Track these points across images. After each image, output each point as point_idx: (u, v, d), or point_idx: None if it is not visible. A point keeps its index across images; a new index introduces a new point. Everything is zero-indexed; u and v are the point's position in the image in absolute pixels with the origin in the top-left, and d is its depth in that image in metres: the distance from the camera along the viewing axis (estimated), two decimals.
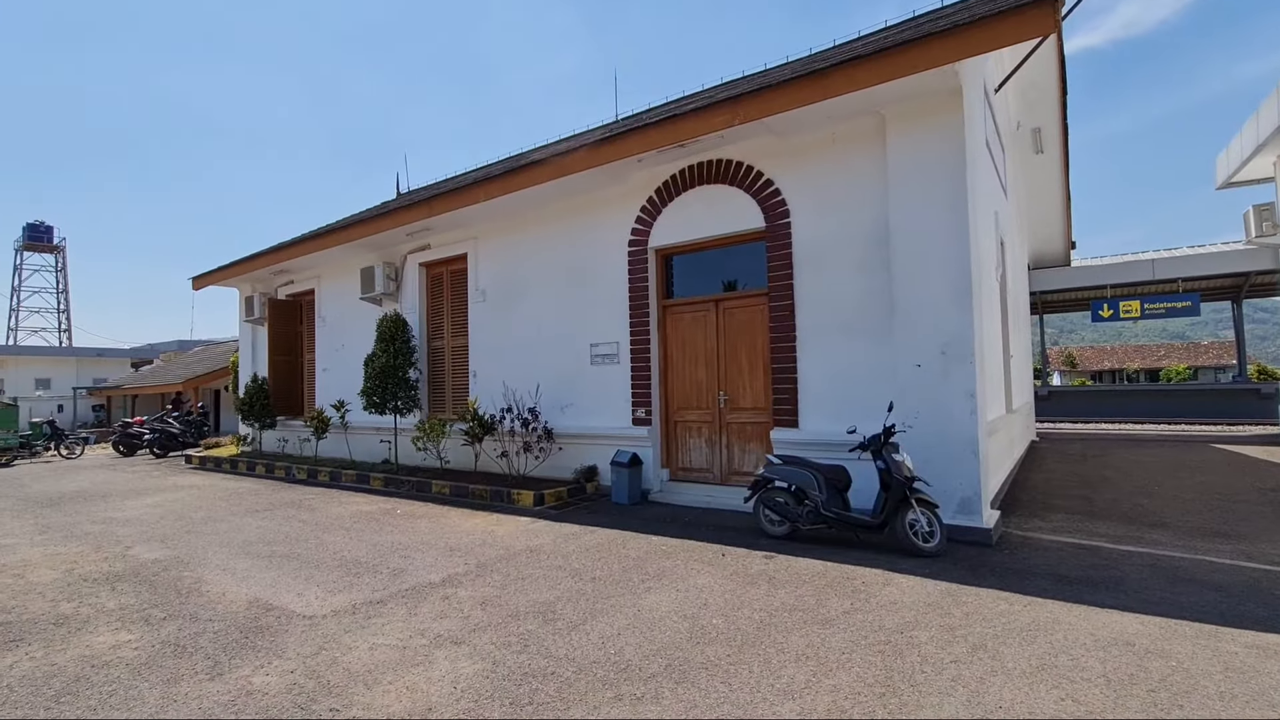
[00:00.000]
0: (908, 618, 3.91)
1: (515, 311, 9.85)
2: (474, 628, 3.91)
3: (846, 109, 6.36)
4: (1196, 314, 17.63)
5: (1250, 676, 3.08)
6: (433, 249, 11.15)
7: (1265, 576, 4.68)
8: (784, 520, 5.90)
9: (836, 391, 6.76)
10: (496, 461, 9.13)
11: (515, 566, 5.23)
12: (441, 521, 7.11)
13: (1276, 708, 2.80)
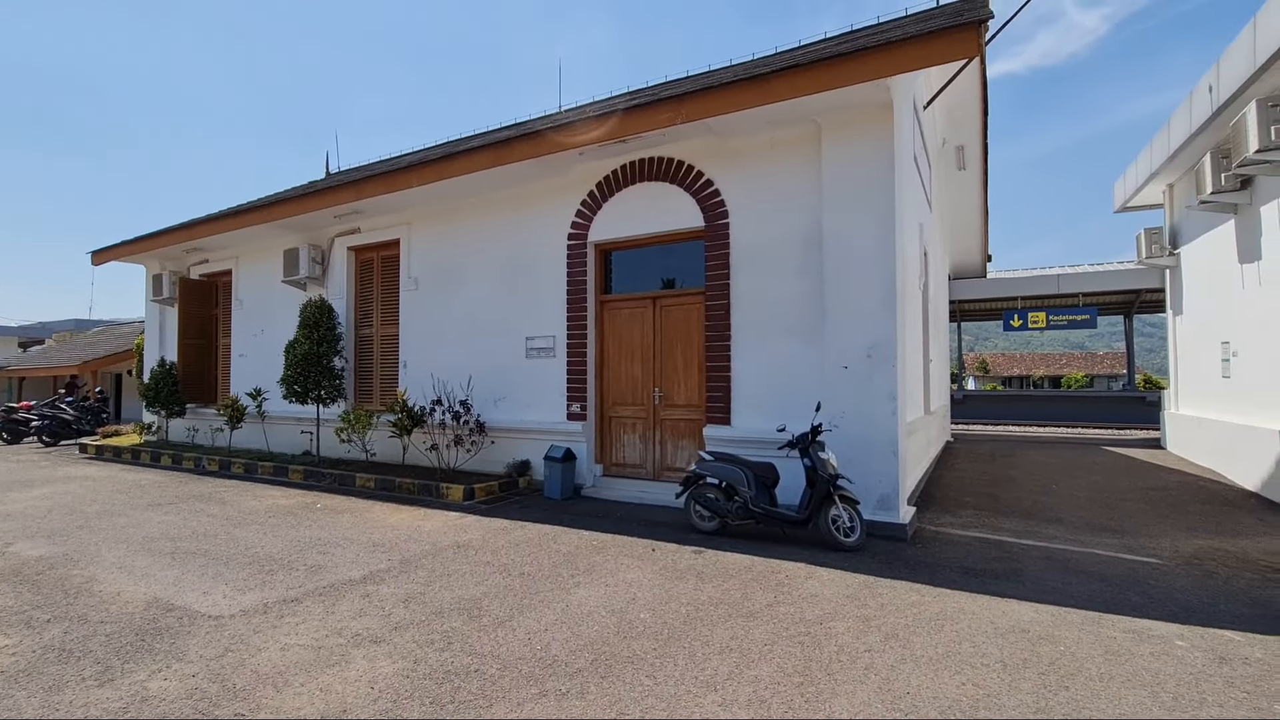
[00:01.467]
0: (827, 609, 4.06)
1: (449, 301, 9.59)
2: (395, 626, 3.79)
3: (785, 115, 6.52)
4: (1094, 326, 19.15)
5: (1127, 658, 3.38)
6: (363, 233, 10.70)
7: (1142, 567, 5.13)
8: (714, 516, 6.02)
9: (769, 390, 6.93)
10: (425, 455, 8.88)
11: (441, 562, 5.10)
12: (365, 516, 6.85)
13: (1148, 685, 3.07)
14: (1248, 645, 3.55)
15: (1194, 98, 9.01)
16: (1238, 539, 6.05)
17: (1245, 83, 7.29)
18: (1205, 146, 9.11)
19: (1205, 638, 3.66)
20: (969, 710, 2.83)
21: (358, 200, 9.47)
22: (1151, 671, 3.22)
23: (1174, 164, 10.45)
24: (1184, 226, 11.52)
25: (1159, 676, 3.16)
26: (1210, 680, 3.13)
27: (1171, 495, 8.24)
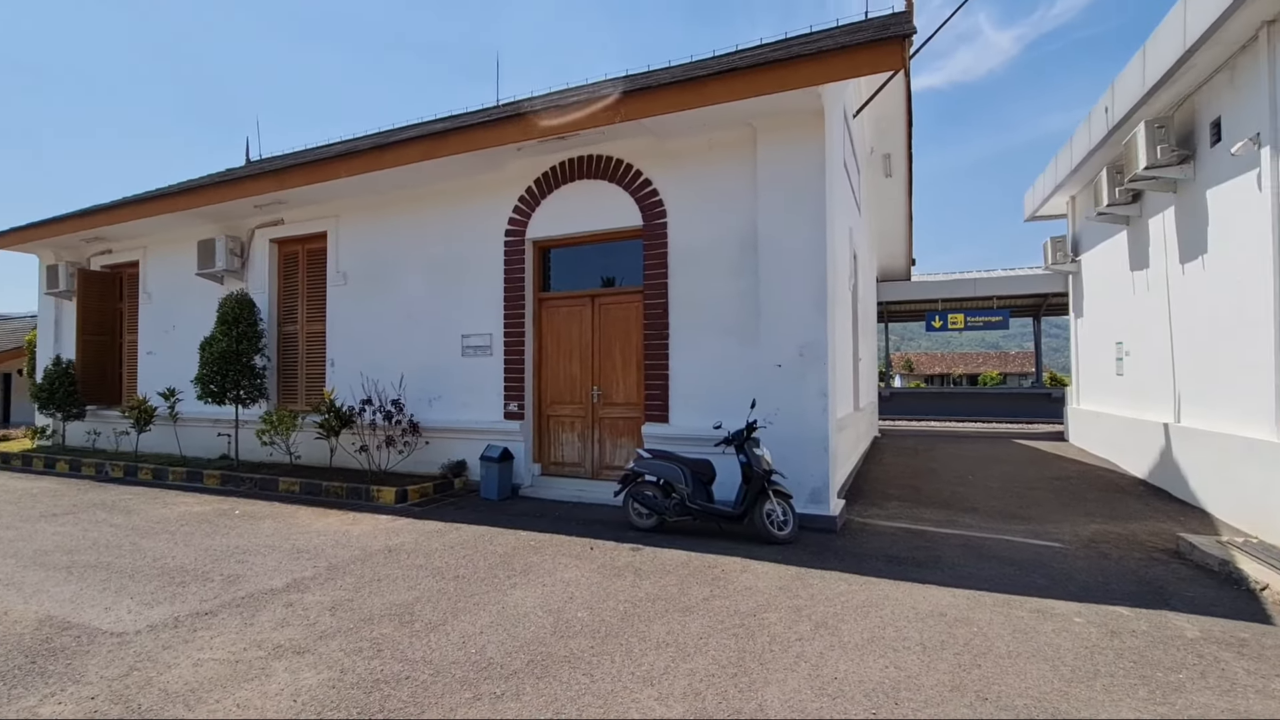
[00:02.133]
0: (761, 601, 4.17)
1: (381, 297, 9.25)
2: (321, 635, 3.63)
3: (723, 118, 6.64)
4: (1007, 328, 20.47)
5: (1032, 636, 3.63)
6: (287, 224, 10.17)
7: (1047, 551, 5.52)
8: (652, 513, 6.07)
9: (706, 389, 7.04)
10: (355, 457, 8.54)
11: (371, 567, 4.92)
12: (289, 522, 6.53)
13: (1050, 660, 3.31)
14: (1135, 620, 3.89)
15: (1092, 117, 9.76)
16: (1128, 523, 6.60)
17: (1135, 105, 7.96)
18: (1102, 163, 9.88)
19: (1099, 614, 3.98)
20: (891, 691, 2.97)
21: (280, 190, 9.00)
22: (1053, 647, 3.47)
23: (1076, 178, 11.29)
24: (1084, 236, 12.45)
25: (1059, 651, 3.42)
26: (1103, 653, 3.41)
27: (1072, 484, 8.90)
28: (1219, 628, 3.76)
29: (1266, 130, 5.94)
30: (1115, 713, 2.80)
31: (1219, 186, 6.93)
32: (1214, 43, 6.27)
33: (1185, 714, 2.79)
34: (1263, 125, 5.99)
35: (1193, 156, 7.55)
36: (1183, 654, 3.38)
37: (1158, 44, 7.27)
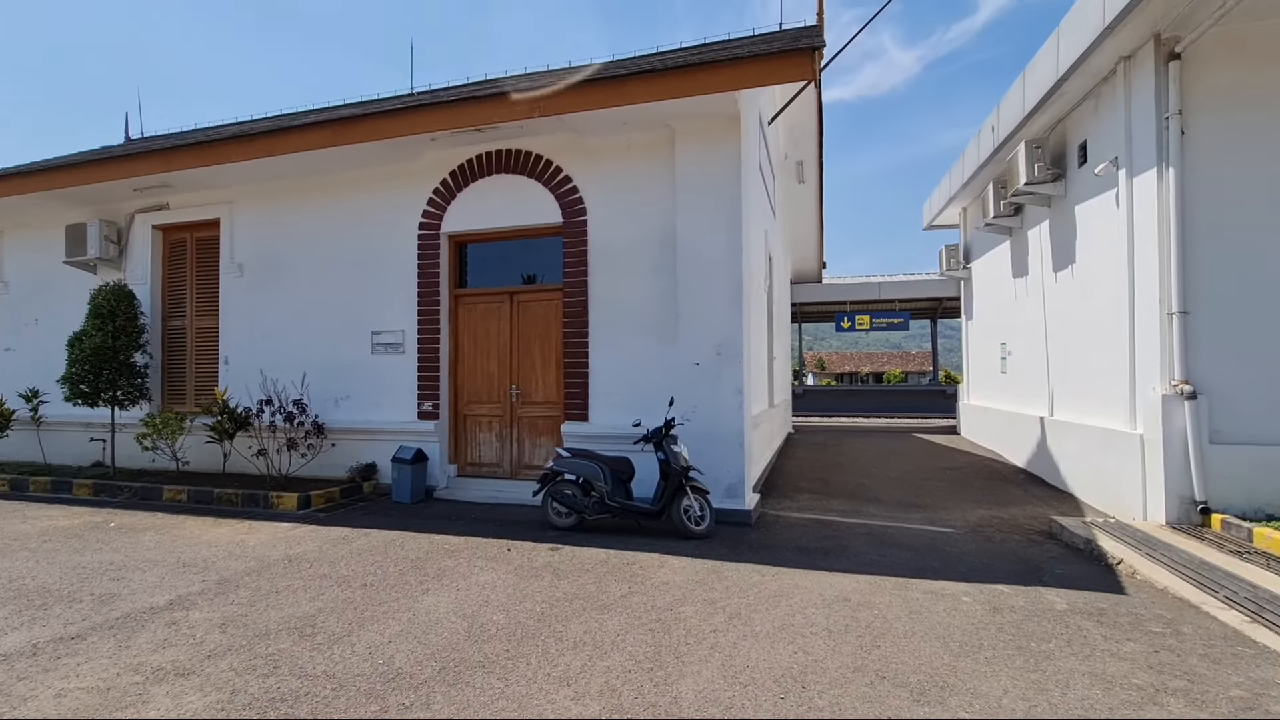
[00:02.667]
0: (677, 595, 4.24)
1: (282, 291, 8.68)
2: (209, 654, 3.36)
3: (642, 118, 6.69)
4: (907, 329, 21.87)
5: (926, 616, 3.90)
6: (173, 210, 9.35)
7: (940, 537, 5.94)
8: (571, 512, 6.03)
9: (626, 387, 7.08)
10: (252, 462, 7.96)
11: (269, 579, 4.61)
12: (174, 533, 6.00)
13: (941, 637, 3.57)
14: (1014, 596, 4.25)
15: (981, 135, 10.58)
16: (1010, 508, 7.21)
17: (1017, 126, 8.70)
18: (989, 178, 10.73)
19: (985, 593, 4.32)
20: (799, 676, 3.10)
21: (166, 172, 8.25)
22: (944, 625, 3.74)
23: (966, 191, 12.20)
24: (975, 245, 13.49)
25: (949, 629, 3.69)
26: (987, 628, 3.70)
27: (963, 474, 9.63)
28: (1083, 600, 4.18)
29: (1123, 153, 6.66)
30: (995, 682, 3.05)
31: (1085, 203, 7.69)
32: (1081, 73, 6.95)
33: (1053, 679, 3.08)
34: (1120, 149, 6.71)
35: (1064, 175, 8.34)
36: (1053, 625, 3.73)
37: (1035, 71, 7.97)
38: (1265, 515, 5.67)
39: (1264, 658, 3.30)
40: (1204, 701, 2.87)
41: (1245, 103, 5.94)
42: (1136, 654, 3.35)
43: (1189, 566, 4.74)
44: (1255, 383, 5.85)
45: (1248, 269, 5.92)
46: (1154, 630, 3.67)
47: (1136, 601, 4.16)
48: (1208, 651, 3.38)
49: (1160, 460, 5.98)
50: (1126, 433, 6.58)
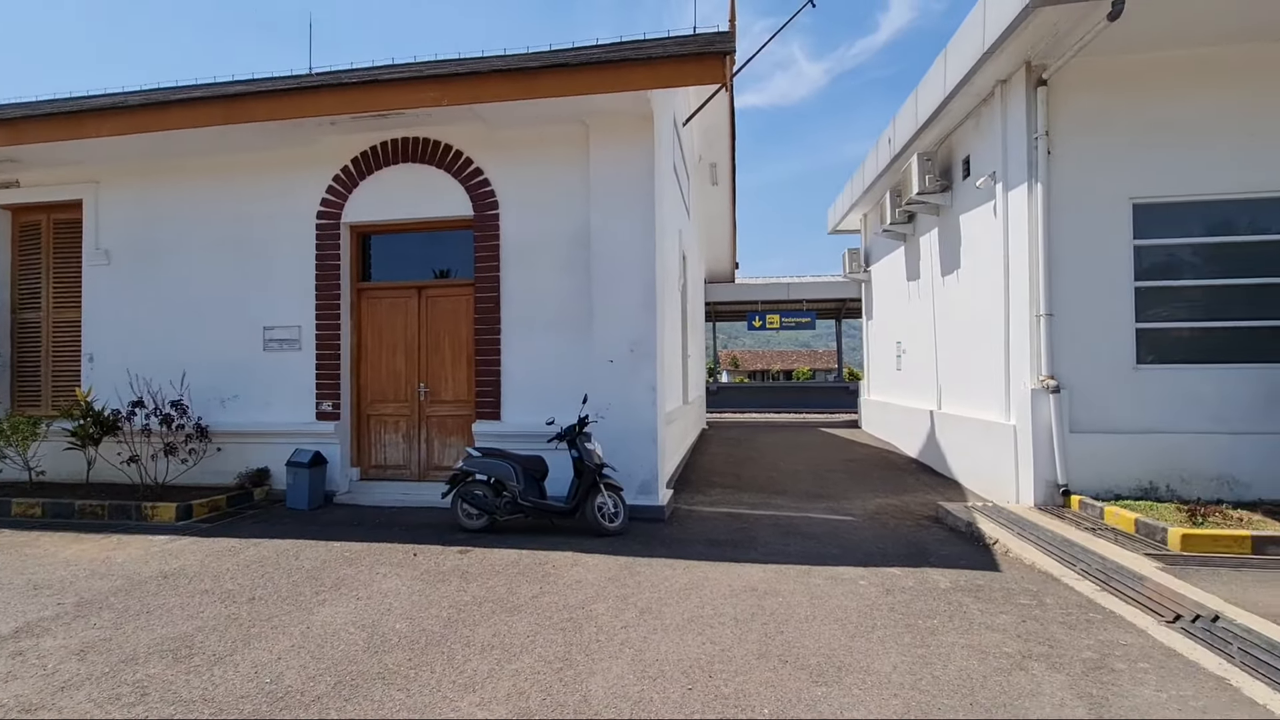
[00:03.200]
0: (590, 594, 4.23)
1: (159, 281, 7.91)
2: (63, 686, 3.00)
3: (556, 113, 6.61)
4: (814, 328, 22.94)
5: (826, 600, 4.09)
6: (25, 188, 8.30)
7: (841, 525, 6.26)
8: (482, 513, 5.88)
9: (539, 385, 6.98)
10: (122, 470, 7.21)
11: (139, 598, 4.19)
12: (24, 552, 5.33)
13: (839, 619, 3.76)
14: (905, 578, 4.55)
15: (879, 147, 11.24)
16: (903, 496, 7.72)
17: (910, 139, 9.31)
18: (886, 187, 11.44)
19: (879, 576, 4.59)
20: (706, 665, 3.17)
21: (14, 145, 7.30)
22: (842, 608, 3.94)
23: (867, 198, 12.94)
24: (874, 249, 14.33)
25: (846, 611, 3.89)
26: (879, 609, 3.94)
27: (863, 466, 10.21)
28: (964, 578, 4.54)
29: (1000, 169, 7.27)
30: (886, 659, 3.25)
31: (968, 213, 8.35)
32: (965, 93, 7.53)
33: (937, 653, 3.32)
34: (998, 164, 7.32)
35: (951, 186, 9.02)
36: (938, 603, 4.03)
37: (926, 89, 8.56)
38: (1114, 495, 6.38)
39: (1110, 622, 3.71)
40: (1061, 663, 3.19)
41: (1100, 126, 6.65)
42: (1007, 625, 3.67)
43: (1053, 544, 5.25)
44: (1104, 378, 6.56)
45: (1098, 277, 6.63)
46: (1023, 602, 4.04)
47: (1009, 577, 4.57)
48: (1066, 619, 3.76)
49: (1030, 448, 6.60)
50: (1002, 424, 7.21)
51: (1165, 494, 6.33)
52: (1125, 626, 3.64)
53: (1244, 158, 6.43)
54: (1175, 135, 6.52)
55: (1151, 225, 6.62)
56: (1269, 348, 6.45)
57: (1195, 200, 6.57)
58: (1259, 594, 4.10)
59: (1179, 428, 6.42)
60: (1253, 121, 6.43)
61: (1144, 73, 6.56)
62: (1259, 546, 4.93)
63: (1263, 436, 6.27)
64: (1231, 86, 6.47)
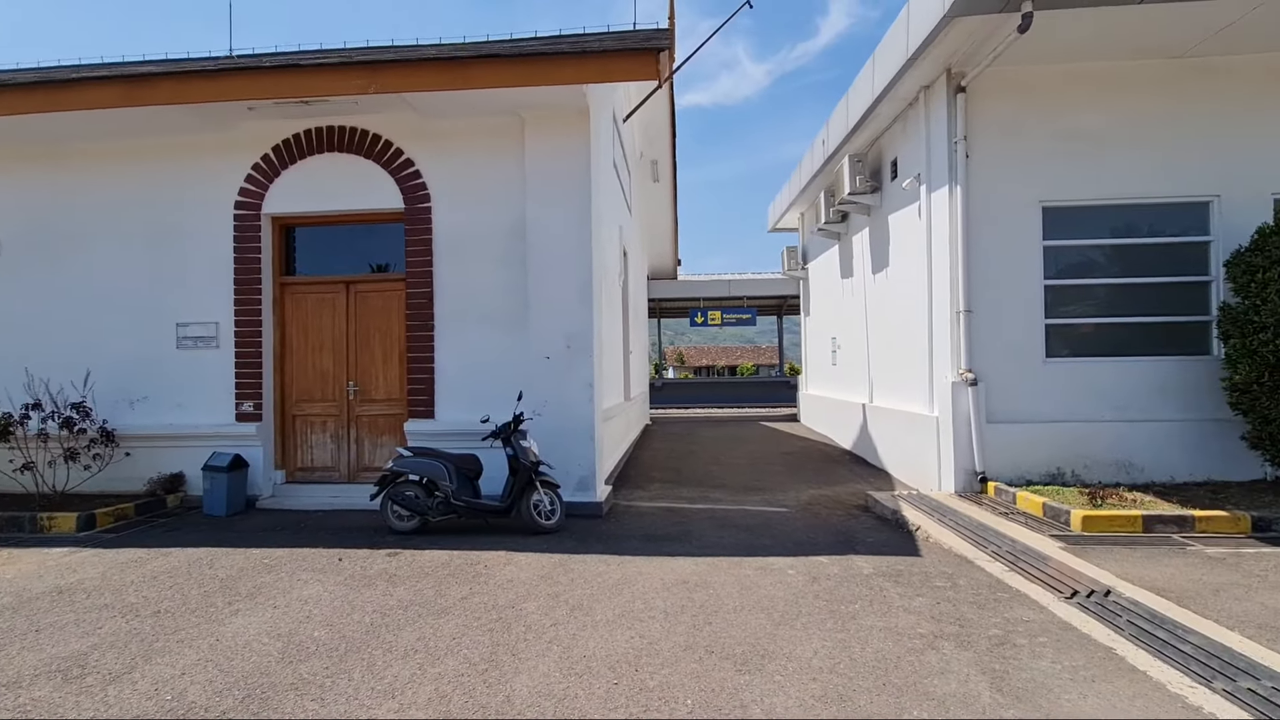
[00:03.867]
0: (521, 592, 4.18)
1: (57, 274, 7.33)
2: None
3: (490, 104, 6.48)
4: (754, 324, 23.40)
5: (755, 590, 4.18)
6: None
7: (775, 516, 6.41)
8: (414, 514, 5.72)
9: (474, 382, 6.85)
10: (15, 478, 6.65)
11: (28, 616, 3.88)
12: None
13: (766, 609, 3.84)
14: (831, 565, 4.70)
15: (814, 148, 11.54)
16: (835, 486, 7.97)
17: (842, 141, 9.60)
18: (821, 187, 11.76)
19: (807, 565, 4.73)
20: (633, 660, 3.19)
21: None
22: (770, 598, 4.04)
23: (803, 197, 13.27)
24: (811, 247, 14.72)
25: (774, 601, 3.98)
26: (805, 596, 4.05)
27: (799, 458, 10.48)
28: (886, 564, 4.72)
29: (924, 171, 7.58)
30: (809, 645, 3.34)
31: (896, 213, 8.68)
32: (891, 98, 7.81)
33: (856, 637, 3.44)
34: (922, 167, 7.63)
35: (881, 188, 9.35)
36: (860, 589, 4.18)
37: (856, 93, 8.84)
38: (1026, 481, 6.78)
39: (1016, 600, 3.94)
40: (970, 641, 3.36)
41: (1014, 133, 7.02)
42: (923, 607, 3.84)
43: (969, 528, 5.54)
44: (1018, 371, 6.95)
45: (1012, 275, 7.00)
46: (938, 585, 4.23)
47: (927, 561, 4.78)
48: (976, 599, 3.97)
49: (950, 439, 6.92)
50: (926, 416, 7.54)
51: (1071, 479, 6.77)
52: (1029, 604, 3.88)
53: (1142, 166, 6.91)
54: (1081, 143, 6.95)
55: (1060, 227, 7.04)
56: (1161, 341, 6.98)
57: (1099, 204, 7.02)
58: (1146, 569, 4.44)
59: (1083, 417, 6.87)
60: (1150, 132, 6.92)
61: (1053, 83, 6.97)
62: (1149, 525, 5.33)
63: (1155, 424, 6.78)
64: (1130, 99, 6.94)
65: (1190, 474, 6.72)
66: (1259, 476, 6.65)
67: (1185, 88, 6.87)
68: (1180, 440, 6.75)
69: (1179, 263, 7.01)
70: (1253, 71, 6.82)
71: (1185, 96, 6.88)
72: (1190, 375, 6.82)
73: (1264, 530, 5.27)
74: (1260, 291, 5.88)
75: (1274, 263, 5.87)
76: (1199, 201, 6.94)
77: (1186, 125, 6.88)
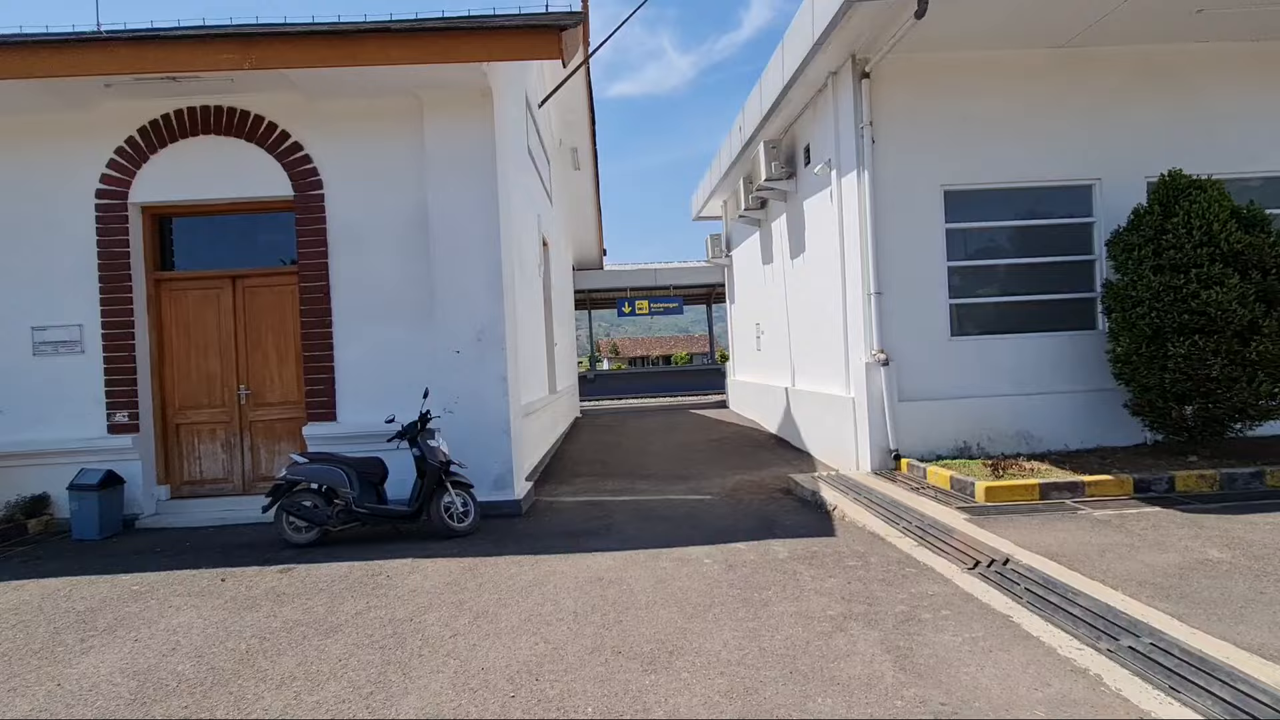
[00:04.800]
0: (423, 603, 3.92)
1: None
2: None
3: (383, 83, 6.06)
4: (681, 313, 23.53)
5: (670, 583, 4.08)
6: None
7: (699, 505, 6.36)
8: (313, 525, 5.31)
9: (379, 380, 6.45)
10: None
11: None
12: None
13: (679, 601, 3.74)
14: (749, 552, 4.66)
15: (733, 134, 11.57)
16: (759, 471, 8.03)
17: (757, 128, 9.64)
18: (741, 174, 11.82)
19: (725, 553, 4.67)
20: (534, 669, 3.01)
21: None
22: (684, 590, 3.94)
23: (724, 185, 13.32)
24: (734, 235, 14.83)
25: (688, 593, 3.89)
26: (719, 585, 3.99)
27: (726, 444, 10.55)
28: (801, 546, 4.73)
29: (834, 157, 7.69)
30: (719, 637, 3.26)
31: (810, 198, 8.79)
32: (801, 83, 7.86)
33: (767, 624, 3.39)
34: (832, 153, 7.74)
35: (796, 174, 9.45)
36: (774, 574, 4.15)
37: (769, 78, 8.87)
38: (936, 456, 7.02)
39: (923, 575, 4.01)
40: (877, 620, 3.37)
41: (916, 118, 7.20)
42: (834, 588, 3.84)
43: (883, 505, 5.65)
44: (926, 350, 7.18)
45: (917, 257, 7.20)
46: (850, 564, 4.26)
47: (841, 541, 4.83)
48: (885, 576, 4.01)
49: (865, 418, 7.08)
50: (843, 397, 7.69)
51: (977, 452, 7.06)
52: (934, 577, 3.95)
53: (1031, 150, 7.24)
54: (977, 128, 7.21)
55: (960, 210, 7.29)
56: (1054, 318, 7.36)
57: (994, 188, 7.31)
58: (1041, 535, 4.64)
59: (986, 392, 7.17)
60: (1037, 119, 7.24)
61: (950, 70, 7.18)
62: (1045, 492, 5.60)
63: (1049, 396, 7.16)
64: (1019, 86, 7.24)
65: (1082, 442, 7.14)
66: (1140, 441, 7.14)
67: (1068, 76, 7.23)
68: (1072, 411, 7.15)
69: (1067, 243, 7.41)
70: (1126, 61, 7.25)
71: (1068, 84, 7.24)
72: (1079, 349, 7.23)
73: (1144, 491, 5.63)
74: (1136, 269, 6.27)
75: (1147, 241, 6.26)
76: (1082, 185, 7.35)
77: (1069, 112, 7.25)
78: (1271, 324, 5.85)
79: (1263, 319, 5.84)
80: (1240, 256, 5.96)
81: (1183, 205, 6.17)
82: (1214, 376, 5.90)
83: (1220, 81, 7.34)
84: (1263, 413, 6.13)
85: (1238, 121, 7.33)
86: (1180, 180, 6.35)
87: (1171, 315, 5.98)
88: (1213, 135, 7.29)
